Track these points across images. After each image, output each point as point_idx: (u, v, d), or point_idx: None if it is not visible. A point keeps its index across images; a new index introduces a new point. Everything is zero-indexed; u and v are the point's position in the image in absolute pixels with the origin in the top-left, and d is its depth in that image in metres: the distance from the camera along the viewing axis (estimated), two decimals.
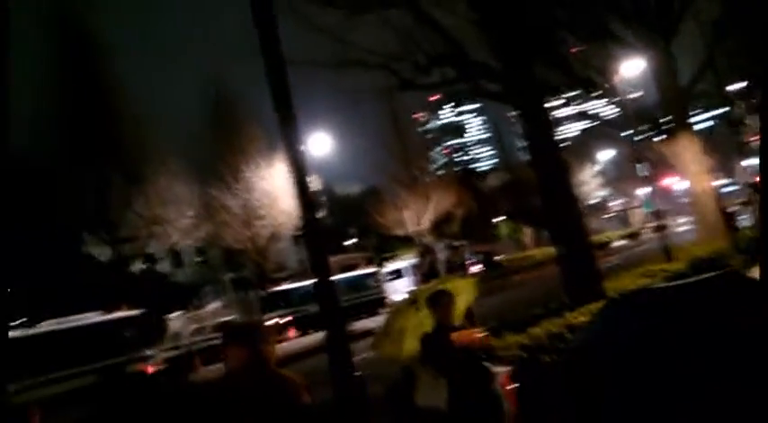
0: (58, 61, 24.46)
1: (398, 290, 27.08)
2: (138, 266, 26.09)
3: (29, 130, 23.56)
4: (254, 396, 3.13)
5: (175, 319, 22.64)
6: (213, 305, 26.89)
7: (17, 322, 19.70)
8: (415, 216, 38.29)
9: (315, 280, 5.52)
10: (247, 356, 3.21)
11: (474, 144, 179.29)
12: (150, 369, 16.47)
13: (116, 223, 24.27)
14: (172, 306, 24.09)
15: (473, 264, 37.12)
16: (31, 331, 16.48)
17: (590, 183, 53.12)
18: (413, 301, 4.73)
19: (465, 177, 58.86)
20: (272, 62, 5.79)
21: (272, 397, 3.13)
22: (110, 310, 17.74)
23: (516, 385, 4.36)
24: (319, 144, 16.47)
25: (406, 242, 40.05)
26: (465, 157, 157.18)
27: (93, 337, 16.08)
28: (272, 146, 26.61)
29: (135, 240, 25.14)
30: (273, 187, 27.58)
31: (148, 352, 16.83)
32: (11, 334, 16.33)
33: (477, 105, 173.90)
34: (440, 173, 54.75)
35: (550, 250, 13.37)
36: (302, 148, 5.78)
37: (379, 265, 32.47)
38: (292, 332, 23.06)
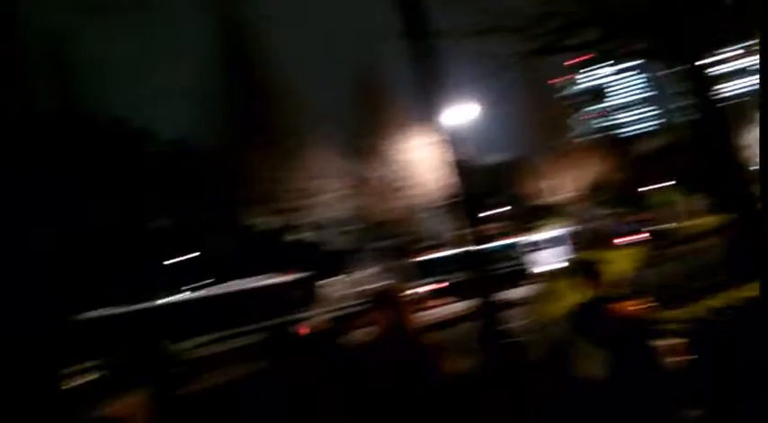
0: (218, 48, 26.59)
1: (544, 260, 26.42)
2: (292, 236, 27.90)
3: (197, 111, 25.99)
4: (395, 360, 3.30)
5: (329, 285, 24.04)
6: (362, 273, 28.08)
7: (205, 282, 22.14)
8: (562, 184, 36.95)
9: (463, 249, 5.67)
10: (389, 321, 3.39)
11: (621, 107, 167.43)
12: (310, 330, 17.70)
13: (272, 196, 26.12)
14: (323, 273, 25.52)
15: (630, 233, 35.13)
16: (209, 293, 18.42)
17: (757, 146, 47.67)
18: (565, 270, 4.70)
19: (614, 143, 55.53)
20: (416, 38, 5.92)
21: (412, 361, 3.29)
22: (279, 274, 19.34)
23: (693, 358, 4.19)
24: (461, 115, 16.39)
25: (551, 212, 38.90)
26: (612, 122, 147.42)
27: (261, 299, 17.65)
28: (412, 117, 26.94)
29: (288, 212, 26.89)
30: (415, 159, 28.01)
31: (308, 314, 18.10)
32: (195, 294, 18.51)
33: (623, 66, 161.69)
34: (585, 139, 52.13)
35: (712, 220, 12.36)
36: (446, 118, 5.89)
37: (522, 235, 31.87)
38: (439, 300, 23.41)
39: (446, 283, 23.34)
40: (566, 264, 5.37)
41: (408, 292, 4.45)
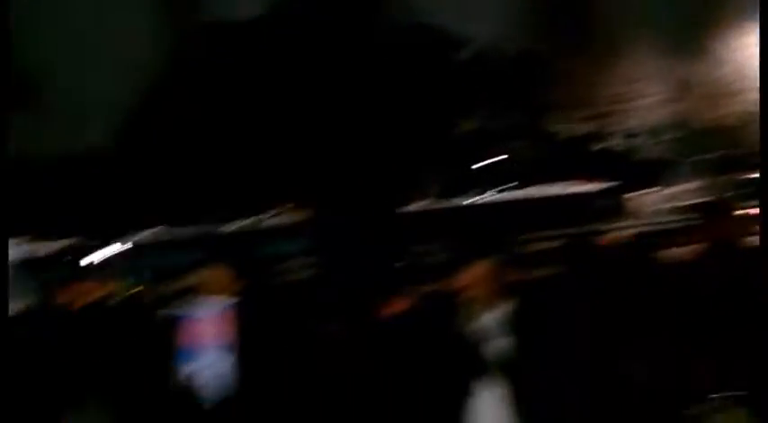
0: None
1: None
2: (600, 143, 26.89)
3: (509, 12, 26.01)
4: (724, 279, 3.07)
5: (640, 197, 22.87)
6: (681, 186, 26.03)
7: (504, 187, 23.17)
8: None
9: None
10: (719, 238, 3.15)
11: None
12: (614, 242, 17.32)
13: (584, 102, 25.30)
14: (634, 184, 24.28)
15: None
16: (515, 196, 19.20)
17: None
18: None
19: None
20: None
21: (744, 281, 3.03)
22: (584, 182, 19.19)
23: None
24: None
25: None
26: None
27: (564, 206, 17.80)
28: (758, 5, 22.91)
29: (599, 118, 25.86)
30: (751, 59, 24.13)
31: (613, 225, 17.69)
32: (502, 196, 19.44)
33: None
34: None
35: None
36: None
37: None
38: None
39: None
40: None
41: (742, 210, 4.01)
